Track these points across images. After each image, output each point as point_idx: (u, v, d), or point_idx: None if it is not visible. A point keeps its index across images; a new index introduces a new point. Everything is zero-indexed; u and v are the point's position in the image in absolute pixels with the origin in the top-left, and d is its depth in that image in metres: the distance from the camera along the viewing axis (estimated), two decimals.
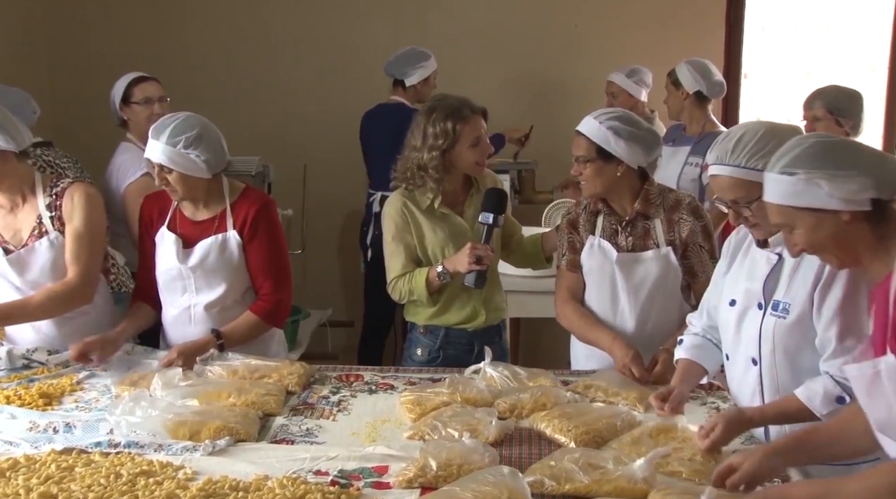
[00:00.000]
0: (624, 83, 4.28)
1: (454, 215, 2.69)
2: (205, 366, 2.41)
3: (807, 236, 1.71)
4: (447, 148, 2.58)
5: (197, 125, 2.51)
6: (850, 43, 4.91)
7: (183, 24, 4.93)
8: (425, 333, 2.75)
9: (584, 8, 4.80)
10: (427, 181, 2.62)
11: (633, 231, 2.54)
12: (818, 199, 1.64)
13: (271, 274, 2.63)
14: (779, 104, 4.69)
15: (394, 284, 2.71)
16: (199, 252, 2.58)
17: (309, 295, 4.63)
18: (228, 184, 2.64)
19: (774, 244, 2.02)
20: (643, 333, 2.53)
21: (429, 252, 2.69)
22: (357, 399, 2.32)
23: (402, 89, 4.24)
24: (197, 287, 2.61)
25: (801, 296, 1.94)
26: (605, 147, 2.44)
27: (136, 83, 3.38)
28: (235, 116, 4.85)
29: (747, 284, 2.06)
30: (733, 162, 1.95)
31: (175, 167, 2.48)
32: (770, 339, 2.00)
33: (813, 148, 1.67)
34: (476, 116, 2.62)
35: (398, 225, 2.66)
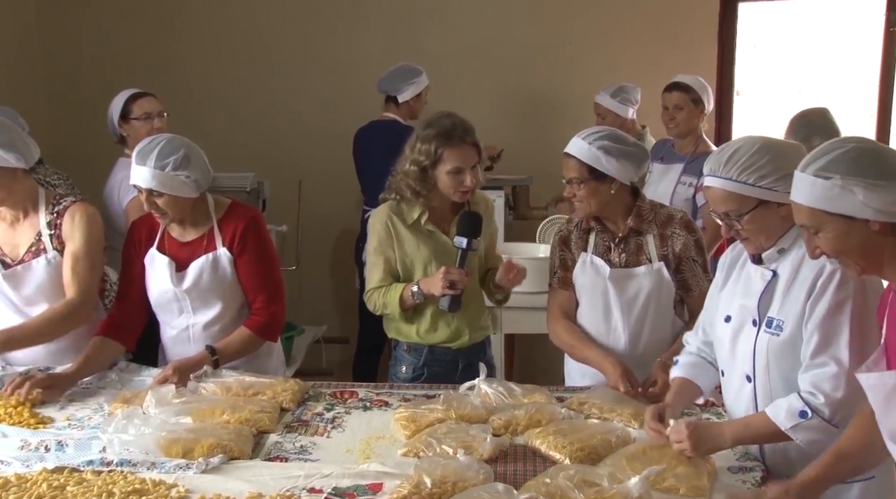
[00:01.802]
0: (609, 104, 4.29)
1: (440, 234, 2.68)
2: (199, 383, 2.40)
3: (833, 242, 1.67)
4: (427, 166, 2.57)
5: (182, 146, 2.49)
6: (841, 61, 4.94)
7: (178, 39, 4.94)
8: (409, 351, 2.74)
9: (577, 25, 4.83)
10: (405, 192, 2.61)
11: (626, 247, 2.54)
12: (852, 206, 1.60)
13: (263, 288, 2.61)
14: (771, 121, 4.71)
15: (369, 296, 2.71)
16: (193, 274, 2.56)
17: (303, 311, 4.62)
18: (213, 201, 2.62)
19: (769, 260, 2.01)
20: (636, 348, 2.53)
21: (410, 267, 2.67)
22: (351, 416, 2.31)
23: (395, 105, 4.24)
24: (193, 308, 2.60)
25: (795, 313, 1.94)
26: (598, 167, 2.44)
27: (135, 99, 3.39)
28: (231, 132, 4.88)
29: (742, 301, 2.06)
30: (725, 175, 1.95)
31: (166, 190, 2.46)
32: (764, 356, 1.99)
33: (851, 153, 1.62)
34: (465, 146, 2.56)
35: (381, 238, 2.66)
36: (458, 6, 4.88)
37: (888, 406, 1.62)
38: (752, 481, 1.91)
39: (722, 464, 1.95)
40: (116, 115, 3.39)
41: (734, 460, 2.00)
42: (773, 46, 5.05)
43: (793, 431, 1.88)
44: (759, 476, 1.93)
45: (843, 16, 4.87)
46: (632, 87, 4.33)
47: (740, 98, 4.94)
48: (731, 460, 2.00)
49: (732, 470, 1.96)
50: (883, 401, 1.63)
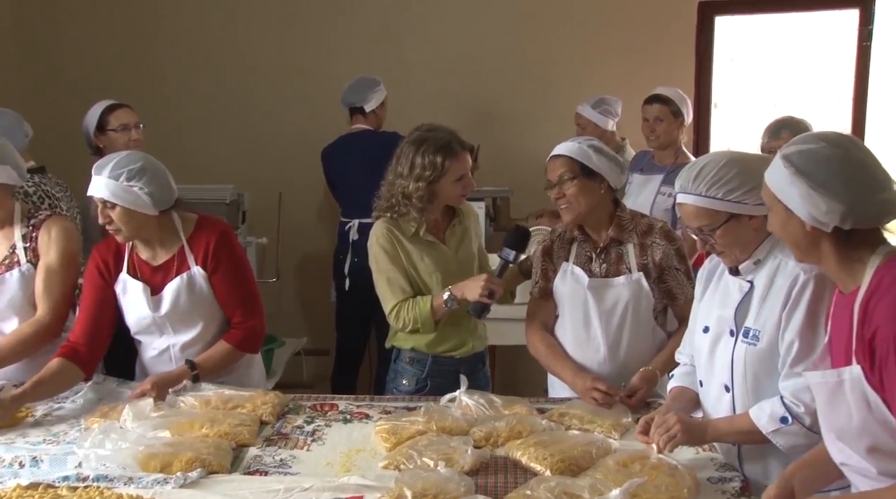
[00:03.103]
0: (590, 115, 4.32)
1: (439, 243, 2.70)
2: (177, 396, 2.37)
3: (775, 227, 1.73)
4: (433, 180, 2.59)
5: (140, 159, 2.44)
6: (815, 75, 5.00)
7: (157, 51, 4.93)
8: (412, 363, 2.73)
9: (556, 38, 4.85)
10: (410, 210, 2.62)
11: (606, 257, 2.55)
12: (792, 201, 1.64)
13: (241, 302, 2.59)
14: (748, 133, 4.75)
15: (396, 311, 2.66)
16: (169, 298, 2.51)
17: (284, 324, 4.59)
18: (181, 218, 2.56)
19: (746, 272, 2.03)
20: (616, 357, 2.54)
21: (416, 279, 2.68)
22: (332, 429, 2.29)
23: (363, 116, 4.27)
24: (174, 330, 2.56)
25: (771, 323, 1.96)
26: (588, 163, 2.47)
27: (112, 110, 3.37)
28: (210, 144, 4.86)
29: (720, 311, 2.08)
30: (695, 190, 1.97)
31: (118, 201, 2.39)
32: (742, 365, 2.01)
33: (819, 153, 1.63)
34: (464, 153, 2.64)
35: (389, 252, 2.65)
36: (437, 20, 4.90)
37: (831, 404, 1.66)
38: (731, 491, 1.92)
39: (701, 475, 1.95)
40: (92, 126, 3.36)
41: (713, 471, 2.01)
42: (750, 60, 5.10)
43: (773, 435, 1.91)
44: (737, 486, 1.93)
45: (818, 30, 4.93)
46: (613, 100, 4.37)
47: (718, 110, 4.99)
48: (711, 470, 2.01)
49: (712, 480, 1.96)
50: (826, 399, 1.67)
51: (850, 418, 1.62)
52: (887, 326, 1.54)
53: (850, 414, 1.62)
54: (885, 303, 1.56)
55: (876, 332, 1.56)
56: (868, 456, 1.63)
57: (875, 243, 1.64)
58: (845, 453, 1.68)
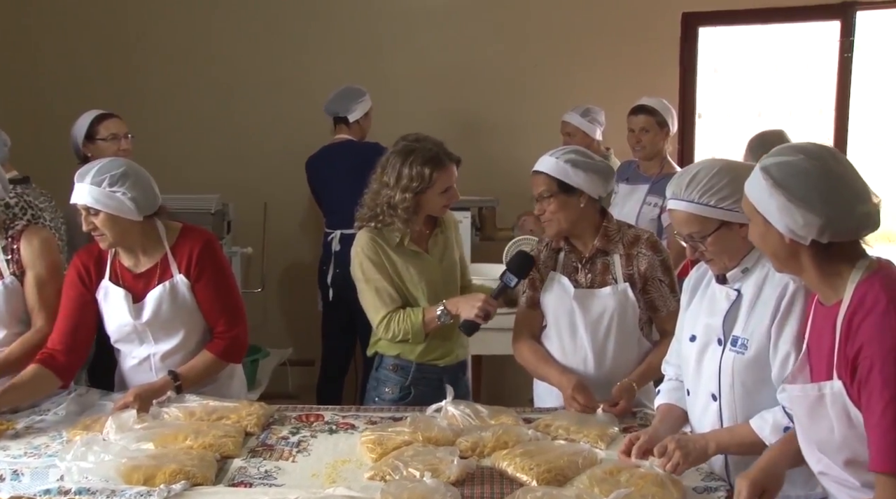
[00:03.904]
0: (579, 123, 4.34)
1: (423, 252, 2.71)
2: (161, 408, 2.35)
3: (755, 238, 1.74)
4: (420, 191, 2.60)
5: (123, 165, 2.44)
6: (798, 85, 5.05)
7: (140, 61, 4.90)
8: (395, 370, 2.73)
9: (543, 48, 4.88)
10: (395, 221, 2.62)
11: (592, 268, 2.56)
12: (770, 213, 1.65)
13: (224, 311, 2.57)
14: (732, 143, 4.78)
15: (386, 322, 2.65)
16: (151, 305, 2.50)
17: (269, 334, 4.57)
18: (164, 226, 2.56)
19: (733, 280, 2.04)
20: (602, 368, 2.54)
21: (402, 289, 2.67)
22: (317, 439, 2.28)
23: (346, 126, 4.28)
24: (155, 338, 2.55)
25: (760, 332, 1.96)
26: (566, 180, 2.48)
27: (101, 120, 3.36)
28: (195, 155, 4.84)
29: (707, 320, 2.08)
30: (687, 197, 1.98)
31: (101, 208, 2.39)
32: (729, 374, 2.01)
33: (797, 166, 1.63)
34: (451, 165, 2.65)
35: (375, 262, 2.65)
36: (422, 30, 4.91)
37: (812, 418, 1.66)
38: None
39: (687, 484, 1.95)
40: (81, 135, 3.35)
41: (699, 481, 2.01)
42: (734, 71, 5.15)
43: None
44: (723, 496, 1.94)
45: (800, 42, 4.99)
46: (597, 110, 4.39)
47: (702, 120, 5.02)
48: (696, 480, 2.01)
49: (697, 490, 1.96)
50: (807, 413, 1.67)
51: (832, 431, 1.62)
52: (871, 344, 1.55)
53: (831, 427, 1.62)
54: (870, 321, 1.56)
55: (860, 349, 1.56)
56: (847, 468, 1.64)
57: (854, 257, 1.65)
58: (824, 463, 1.69)
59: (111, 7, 4.90)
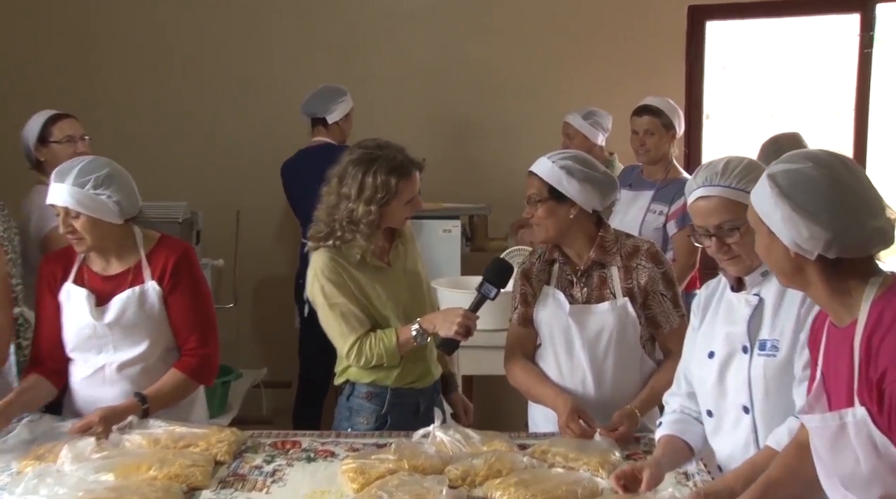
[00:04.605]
0: (579, 125, 4.37)
1: (387, 268, 2.70)
2: (122, 435, 2.34)
3: (761, 250, 1.74)
4: (384, 203, 2.59)
5: (106, 165, 2.49)
6: (814, 84, 5.07)
7: (101, 59, 4.90)
8: (370, 398, 2.71)
9: (538, 45, 4.90)
10: (356, 236, 2.60)
11: (588, 281, 2.57)
12: (774, 223, 1.65)
13: (196, 328, 2.59)
14: (742, 146, 4.81)
15: (357, 348, 2.63)
16: (116, 307, 2.52)
17: (242, 353, 4.56)
18: (142, 234, 2.60)
19: (752, 285, 2.04)
20: (602, 389, 2.55)
21: (368, 309, 2.66)
22: (294, 469, 2.28)
23: (325, 128, 4.30)
24: (115, 346, 2.55)
25: (789, 329, 1.97)
26: (558, 187, 2.49)
27: (55, 121, 3.35)
28: (160, 159, 4.84)
29: (727, 329, 2.08)
30: (724, 182, 1.99)
31: (84, 210, 2.43)
32: (762, 381, 2.01)
33: (804, 174, 1.63)
34: (416, 173, 2.65)
35: (338, 284, 2.63)
36: (408, 25, 4.93)
37: (834, 450, 1.64)
38: None
39: None
40: (33, 138, 3.33)
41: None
42: (744, 68, 5.17)
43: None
44: None
45: (816, 36, 5.01)
46: (603, 114, 4.42)
47: (710, 122, 5.05)
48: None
49: None
50: (829, 444, 1.65)
51: (857, 464, 1.60)
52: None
53: (856, 460, 1.60)
54: (892, 340, 1.55)
55: (885, 373, 1.54)
56: None
57: (867, 273, 1.63)
58: None
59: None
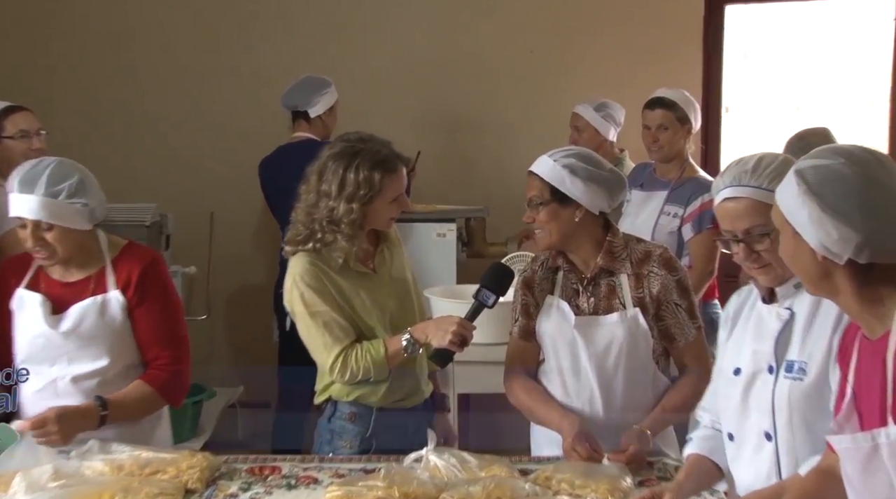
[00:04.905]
0: (590, 117, 4.38)
1: (370, 272, 2.71)
2: (82, 460, 2.34)
3: (786, 253, 1.73)
4: (367, 201, 2.60)
5: (75, 170, 2.49)
6: (845, 72, 5.07)
7: (59, 46, 4.91)
8: (353, 419, 2.72)
9: (540, 32, 4.92)
10: (338, 238, 2.60)
11: (595, 290, 2.57)
12: (800, 224, 1.65)
13: (166, 343, 2.59)
14: (765, 142, 4.82)
15: (342, 361, 2.62)
16: (74, 315, 2.52)
17: (215, 370, 4.57)
18: (107, 239, 2.60)
19: (784, 297, 2.03)
20: (612, 409, 2.55)
21: (352, 318, 2.66)
22: (273, 497, 2.28)
23: (307, 122, 4.32)
24: (70, 358, 2.55)
25: (819, 352, 1.95)
26: (561, 188, 2.50)
27: (7, 114, 3.34)
28: (125, 156, 4.85)
29: (755, 346, 2.07)
30: (754, 183, 1.97)
31: (59, 222, 2.43)
32: (786, 406, 2.00)
33: (834, 171, 1.63)
34: (402, 169, 2.66)
35: (319, 291, 2.63)
36: (397, 13, 4.95)
37: (867, 473, 1.64)
38: None
39: None
40: None
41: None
42: (767, 56, 5.18)
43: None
44: None
45: (848, 20, 5.01)
46: (616, 106, 4.44)
47: (729, 115, 5.07)
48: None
49: None
50: (861, 468, 1.65)
51: (892, 489, 1.60)
52: None
53: (890, 485, 1.60)
54: None
55: None
56: None
57: None
58: None
59: None
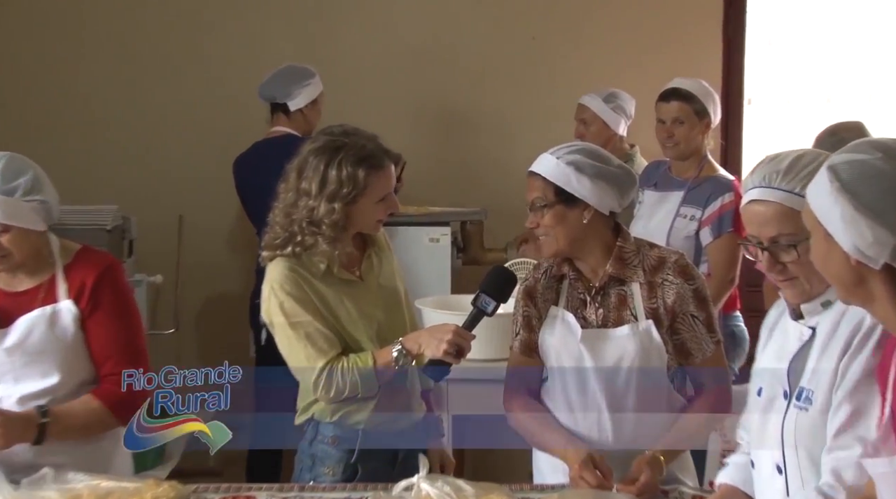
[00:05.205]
0: (599, 109, 4.38)
1: (356, 280, 2.71)
2: (33, 490, 2.33)
3: (816, 257, 1.71)
4: (350, 200, 2.60)
5: (28, 167, 2.49)
6: (880, 61, 5.08)
7: (3, 28, 4.87)
8: (336, 443, 2.71)
9: (543, 17, 4.92)
10: (319, 241, 2.60)
11: (604, 301, 2.57)
12: (833, 224, 1.63)
13: (123, 357, 2.57)
14: (792, 137, 4.83)
15: (326, 376, 2.61)
16: (21, 329, 2.51)
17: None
18: (59, 243, 2.60)
19: (809, 314, 2.02)
20: (622, 433, 2.54)
21: (336, 329, 2.65)
22: None
23: (286, 116, 4.34)
24: (17, 376, 2.54)
25: (825, 381, 1.95)
26: (566, 187, 2.50)
27: None
28: (85, 153, 4.84)
29: (775, 366, 2.08)
30: (786, 186, 1.95)
31: (14, 222, 2.43)
32: (792, 438, 2.00)
33: (871, 166, 1.61)
34: (390, 166, 2.65)
35: (300, 299, 2.62)
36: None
37: None
38: None
39: None
40: None
41: None
42: (794, 42, 5.18)
43: None
44: None
45: (884, 3, 5.01)
46: (626, 97, 4.44)
47: (752, 107, 5.08)
48: None
49: None
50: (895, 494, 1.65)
51: None
52: None
53: None
54: None
55: None
56: None
57: None
58: None
59: None
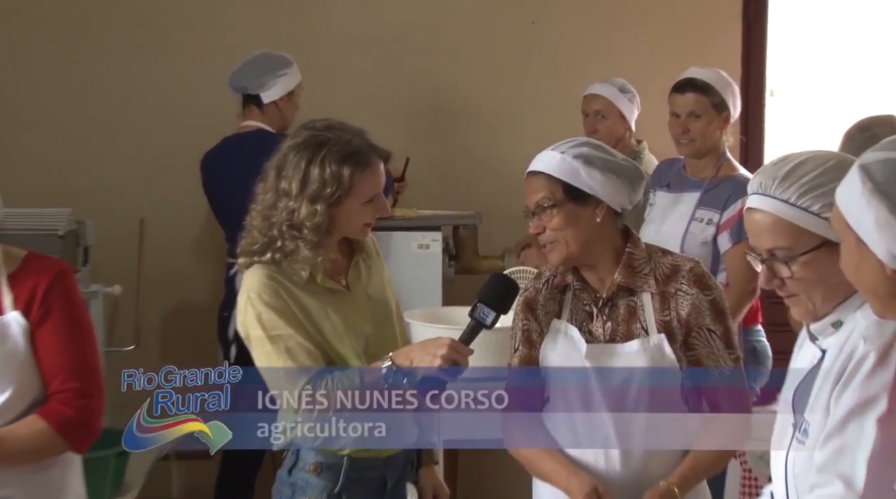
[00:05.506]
0: (614, 96, 4.38)
1: (342, 289, 2.71)
2: None
3: (847, 265, 1.72)
4: (335, 201, 2.60)
5: None
6: None
7: None
8: (319, 471, 2.70)
9: (543, 4, 4.94)
10: (300, 247, 2.60)
11: (612, 313, 2.57)
12: (865, 229, 1.64)
13: (73, 372, 2.55)
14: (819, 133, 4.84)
15: (306, 396, 2.56)
16: None
17: None
18: (2, 251, 2.59)
19: (820, 335, 2.02)
20: (631, 461, 2.54)
21: (319, 342, 2.65)
22: None
23: (258, 109, 4.34)
24: None
25: (818, 414, 1.95)
26: (575, 183, 2.50)
27: None
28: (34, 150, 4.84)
29: (786, 392, 2.09)
30: (780, 194, 1.95)
31: None
32: (792, 474, 2.01)
33: None
34: (378, 163, 2.65)
35: (280, 310, 2.62)
36: None
37: None
38: None
39: None
40: None
41: None
42: (821, 28, 5.20)
43: None
44: None
45: None
46: (630, 87, 4.47)
47: (774, 100, 5.09)
48: None
49: None
50: None
51: None
52: None
53: None
54: None
55: None
56: None
57: None
58: None
59: None
